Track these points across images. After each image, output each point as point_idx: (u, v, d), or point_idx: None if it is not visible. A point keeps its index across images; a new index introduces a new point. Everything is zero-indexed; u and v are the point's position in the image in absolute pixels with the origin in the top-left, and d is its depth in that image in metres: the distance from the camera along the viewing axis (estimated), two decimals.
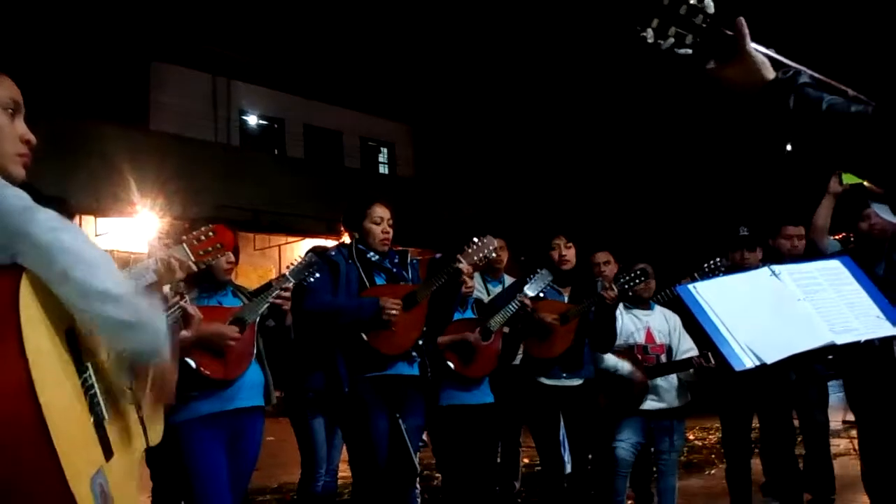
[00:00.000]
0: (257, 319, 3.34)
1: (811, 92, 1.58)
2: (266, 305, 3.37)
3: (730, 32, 1.63)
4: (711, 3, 1.60)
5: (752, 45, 1.64)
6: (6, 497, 1.24)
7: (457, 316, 4.29)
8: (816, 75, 1.65)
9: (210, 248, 2.43)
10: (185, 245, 2.32)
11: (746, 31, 1.63)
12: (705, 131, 14.92)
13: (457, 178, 18.16)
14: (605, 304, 4.29)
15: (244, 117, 17.46)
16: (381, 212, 3.85)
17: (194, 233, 2.45)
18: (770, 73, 1.63)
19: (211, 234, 2.45)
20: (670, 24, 1.58)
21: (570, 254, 4.52)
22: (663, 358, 4.61)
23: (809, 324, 2.16)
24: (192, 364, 3.09)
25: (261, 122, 17.88)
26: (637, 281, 4.39)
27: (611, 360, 4.52)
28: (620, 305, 4.59)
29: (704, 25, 1.60)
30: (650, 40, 1.59)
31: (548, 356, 4.35)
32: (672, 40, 1.60)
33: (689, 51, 1.61)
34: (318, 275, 3.55)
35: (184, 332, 2.23)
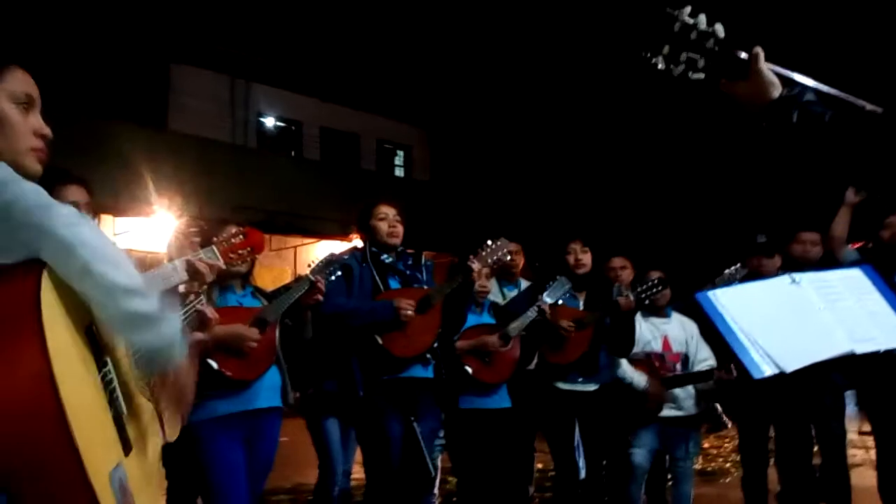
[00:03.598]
0: (278, 320, 3.36)
1: (814, 107, 1.63)
2: (287, 306, 3.38)
3: (743, 55, 1.66)
4: (721, 28, 1.63)
5: (766, 65, 1.68)
6: (27, 489, 1.25)
7: (475, 320, 4.30)
8: (832, 91, 1.69)
9: (241, 251, 2.42)
10: (214, 247, 2.31)
11: (762, 53, 1.67)
12: (723, 138, 14.84)
13: (472, 181, 18.15)
14: (623, 311, 4.28)
15: (262, 119, 17.53)
16: (385, 209, 3.93)
17: (225, 235, 2.43)
18: (777, 92, 1.68)
19: (242, 237, 2.44)
20: (681, 49, 1.62)
21: (586, 258, 4.51)
22: (679, 367, 4.58)
23: (830, 332, 2.14)
24: (214, 365, 3.10)
25: (278, 123, 17.94)
26: (655, 291, 4.37)
27: (627, 371, 4.49)
28: (638, 313, 4.58)
29: (716, 49, 1.63)
30: (661, 67, 1.63)
31: (563, 362, 4.35)
32: (683, 66, 1.63)
33: (702, 75, 1.65)
34: (339, 272, 3.58)
35: (198, 335, 2.22)
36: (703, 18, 1.62)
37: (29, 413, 1.24)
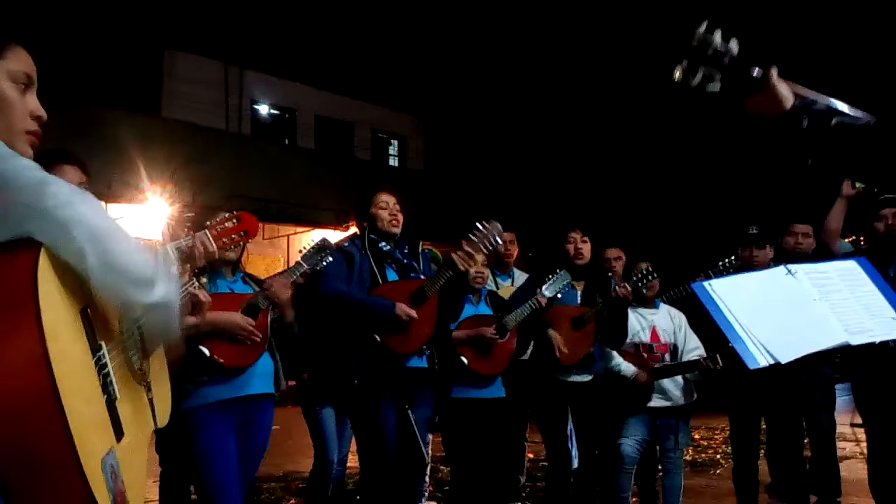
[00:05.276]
0: (270, 306, 3.35)
1: (823, 114, 1.79)
2: None
3: (756, 72, 1.76)
4: (735, 46, 1.72)
5: (779, 82, 1.79)
6: (18, 472, 1.23)
7: (471, 311, 4.29)
8: (836, 103, 1.83)
9: (233, 235, 2.40)
10: (207, 231, 2.30)
11: (775, 71, 1.78)
12: (717, 128, 14.85)
13: (467, 171, 18.14)
14: (620, 302, 4.28)
15: (256, 106, 17.47)
16: (385, 197, 3.92)
17: (218, 219, 2.41)
18: (790, 103, 1.80)
19: (235, 220, 2.42)
20: (699, 63, 1.70)
21: (586, 248, 4.49)
22: (668, 357, 4.59)
23: (825, 324, 2.15)
24: (206, 352, 3.09)
25: (272, 111, 17.88)
26: (650, 278, 4.38)
27: (615, 359, 4.51)
28: None
29: (731, 65, 1.72)
30: (680, 79, 1.71)
31: (571, 362, 4.35)
32: (701, 79, 1.72)
33: (717, 87, 1.74)
34: (330, 258, 3.56)
35: (191, 318, 2.20)
36: (718, 36, 1.70)
37: (22, 394, 1.22)
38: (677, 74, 1.71)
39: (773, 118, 1.80)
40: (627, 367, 4.47)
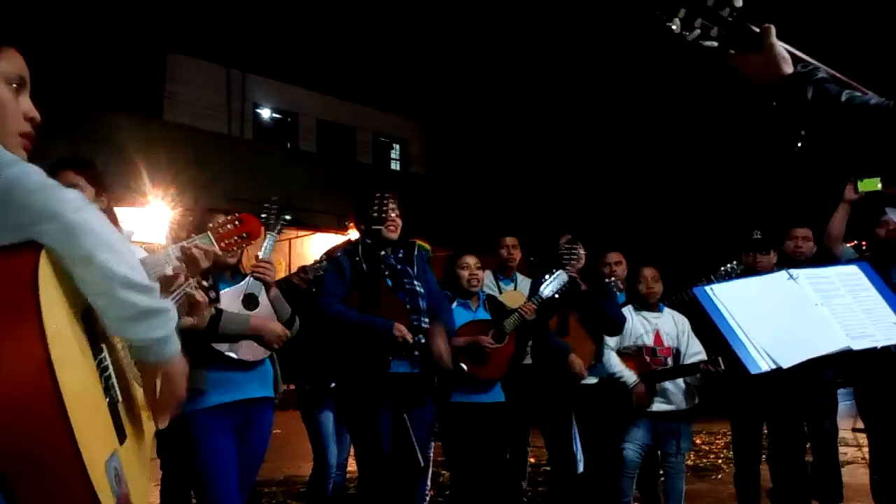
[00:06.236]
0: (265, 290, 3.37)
1: (830, 85, 1.62)
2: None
3: (756, 29, 1.65)
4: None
5: (777, 42, 1.67)
6: (24, 478, 1.22)
7: (469, 317, 4.28)
8: (838, 75, 1.68)
9: (236, 238, 2.40)
10: (209, 233, 2.30)
11: (773, 29, 1.67)
12: (720, 133, 14.86)
13: (468, 175, 18.14)
14: (578, 289, 4.25)
15: (258, 110, 17.49)
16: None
17: (220, 220, 2.41)
18: (789, 68, 1.66)
19: (237, 223, 2.42)
20: (697, 15, 1.61)
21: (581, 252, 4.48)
22: (671, 361, 4.58)
23: (826, 329, 2.14)
24: (234, 356, 3.13)
25: (274, 115, 17.91)
26: (573, 250, 4.33)
27: (617, 366, 4.49)
28: (630, 307, 4.58)
29: (731, 19, 1.62)
30: (676, 31, 1.62)
31: (587, 365, 4.36)
32: (698, 32, 1.62)
33: (715, 43, 1.64)
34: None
35: (188, 319, 2.19)
36: None
37: (26, 398, 1.21)
38: (675, 26, 1.61)
39: (769, 84, 1.67)
40: (630, 376, 4.45)
